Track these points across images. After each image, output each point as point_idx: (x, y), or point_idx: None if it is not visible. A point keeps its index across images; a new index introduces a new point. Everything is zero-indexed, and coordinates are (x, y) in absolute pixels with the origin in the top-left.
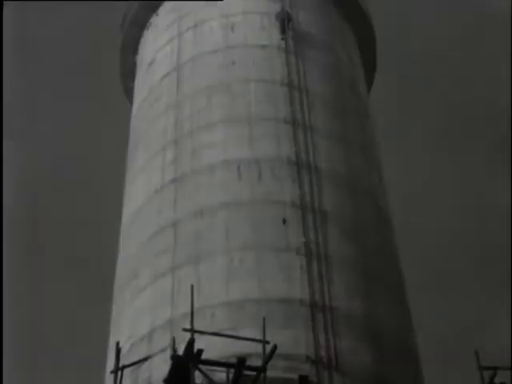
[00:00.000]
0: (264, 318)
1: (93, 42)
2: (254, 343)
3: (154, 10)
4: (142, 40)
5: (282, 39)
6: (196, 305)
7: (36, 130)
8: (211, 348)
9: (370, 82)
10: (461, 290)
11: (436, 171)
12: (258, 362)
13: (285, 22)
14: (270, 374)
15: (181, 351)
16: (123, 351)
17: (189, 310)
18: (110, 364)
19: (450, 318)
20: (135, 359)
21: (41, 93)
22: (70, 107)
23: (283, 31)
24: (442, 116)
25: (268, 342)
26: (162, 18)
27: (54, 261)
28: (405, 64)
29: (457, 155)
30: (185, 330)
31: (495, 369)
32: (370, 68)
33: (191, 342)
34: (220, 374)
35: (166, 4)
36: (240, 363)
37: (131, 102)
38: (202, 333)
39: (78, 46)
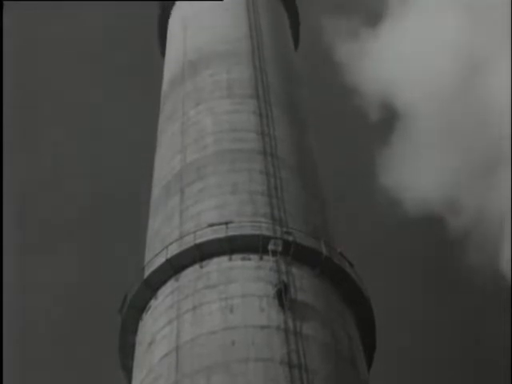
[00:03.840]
0: None
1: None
2: None
3: (153, 292)
4: (141, 323)
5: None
6: None
7: None
8: None
9: (370, 359)
10: None
11: None
12: None
13: (281, 291)
14: None
15: None
16: None
17: None
18: None
19: None
20: None
21: None
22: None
23: (280, 301)
24: None
25: None
26: (161, 301)
27: None
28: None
29: None
30: None
31: None
32: (369, 346)
33: None
34: None
35: (167, 287)
36: None
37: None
38: None
39: None
